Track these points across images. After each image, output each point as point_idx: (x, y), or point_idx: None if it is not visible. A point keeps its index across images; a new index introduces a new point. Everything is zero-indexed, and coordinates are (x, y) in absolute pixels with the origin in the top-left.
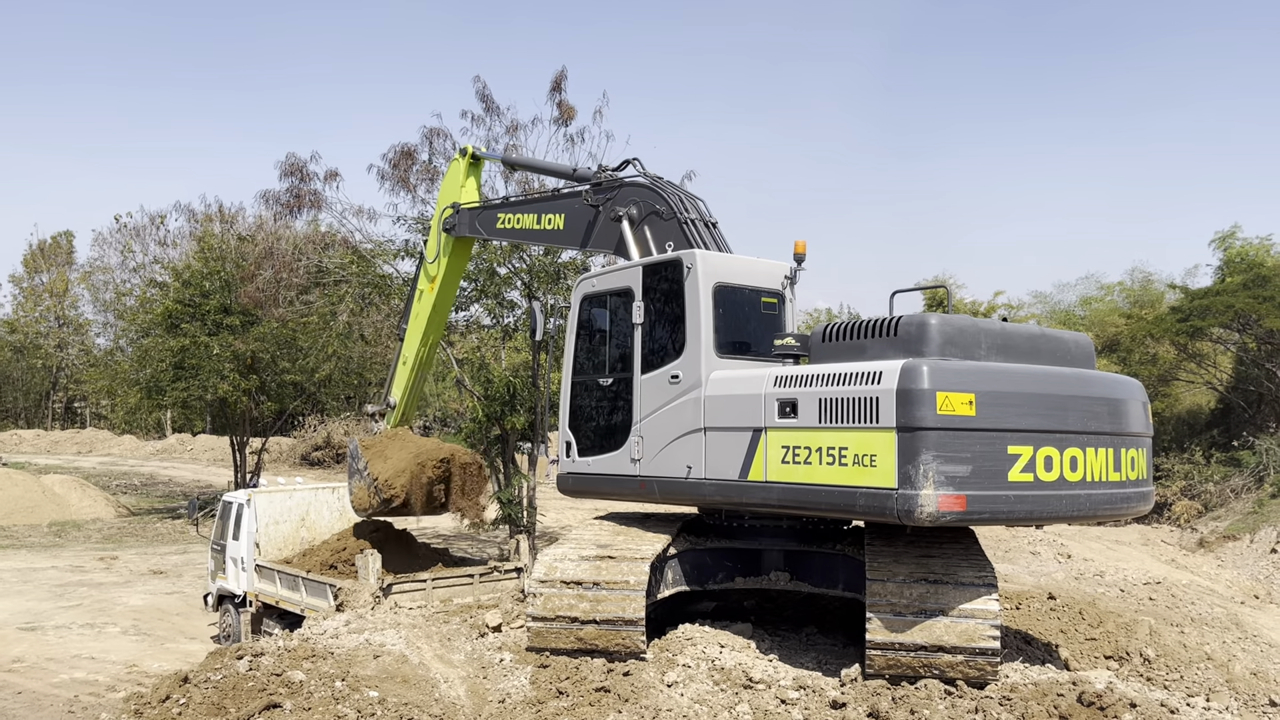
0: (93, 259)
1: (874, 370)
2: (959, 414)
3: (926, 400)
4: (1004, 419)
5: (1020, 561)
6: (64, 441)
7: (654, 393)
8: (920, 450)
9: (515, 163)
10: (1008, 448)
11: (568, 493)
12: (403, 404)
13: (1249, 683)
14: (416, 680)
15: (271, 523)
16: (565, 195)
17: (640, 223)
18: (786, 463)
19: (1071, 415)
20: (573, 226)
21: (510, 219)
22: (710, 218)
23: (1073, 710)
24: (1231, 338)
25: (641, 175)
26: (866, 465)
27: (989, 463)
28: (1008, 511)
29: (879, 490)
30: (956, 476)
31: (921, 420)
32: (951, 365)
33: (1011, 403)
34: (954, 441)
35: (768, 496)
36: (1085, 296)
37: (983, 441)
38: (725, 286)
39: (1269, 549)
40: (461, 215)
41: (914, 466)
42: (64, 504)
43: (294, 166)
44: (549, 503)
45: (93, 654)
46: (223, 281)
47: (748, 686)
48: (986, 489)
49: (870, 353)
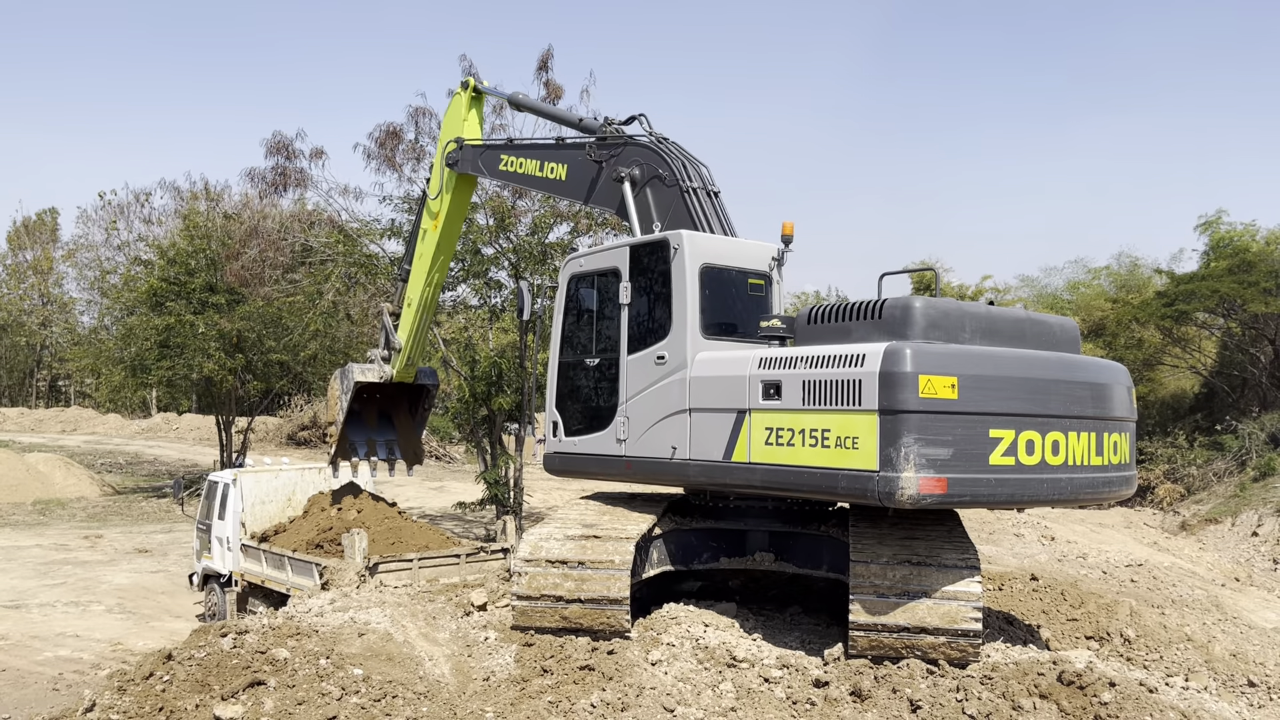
0: (77, 236)
1: (857, 353)
2: (941, 397)
3: (908, 383)
4: (986, 402)
5: (1004, 544)
6: (48, 420)
7: (640, 373)
8: (902, 433)
9: (521, 104)
10: (989, 431)
11: (554, 472)
12: (408, 347)
13: (1228, 663)
14: (401, 658)
15: (257, 502)
16: (570, 146)
17: (642, 186)
18: (770, 444)
19: (1054, 399)
20: (575, 179)
21: (513, 162)
22: (713, 186)
23: (1053, 689)
24: (1216, 322)
25: (648, 135)
26: (849, 447)
27: (970, 446)
28: (989, 495)
29: (860, 472)
30: (938, 459)
31: (903, 403)
32: (934, 348)
33: (994, 386)
34: (935, 424)
35: (751, 478)
36: (1072, 281)
37: (964, 425)
38: (712, 268)
39: (1250, 532)
40: (465, 151)
41: (895, 449)
42: (48, 482)
43: (280, 144)
44: (535, 483)
45: (77, 632)
46: (208, 260)
47: (731, 665)
48: (967, 472)
49: (855, 335)
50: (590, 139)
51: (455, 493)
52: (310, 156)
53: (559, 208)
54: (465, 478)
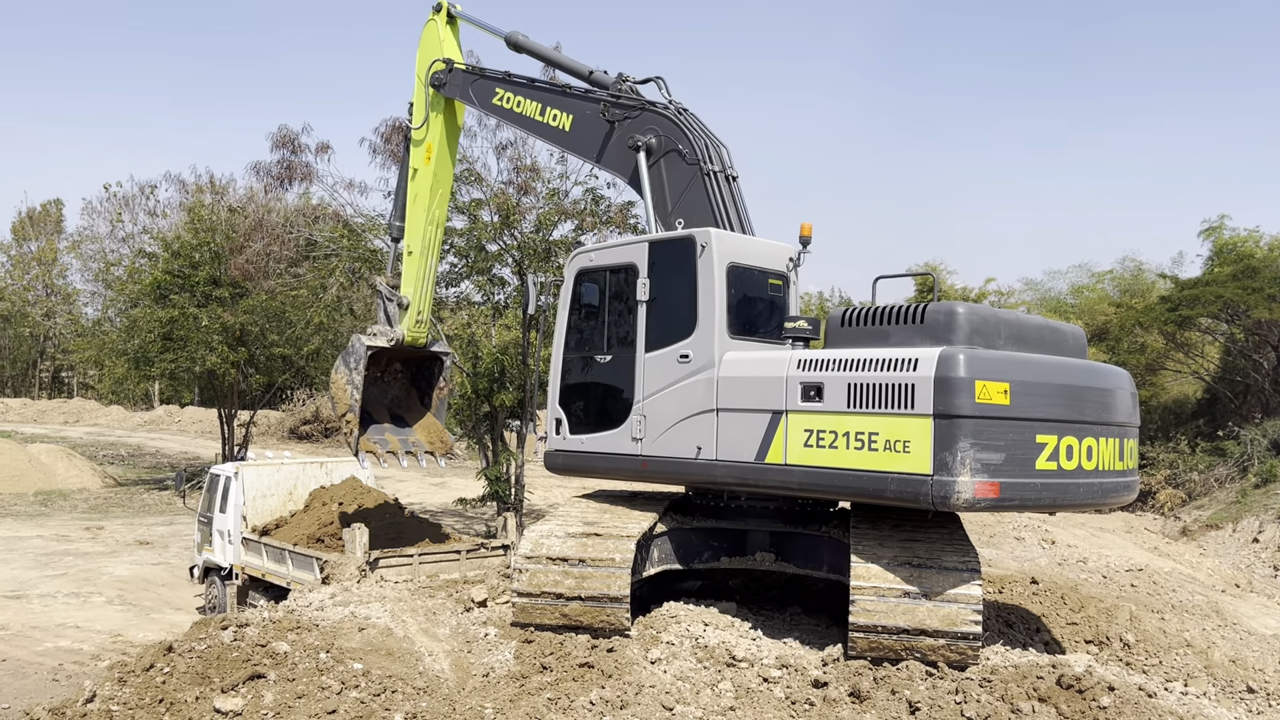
0: (82, 228)
1: (909, 357)
2: (995, 403)
3: (965, 388)
4: (1034, 408)
5: (1004, 547)
6: (51, 411)
7: (659, 371)
8: (958, 437)
9: (520, 45)
10: (1036, 436)
11: (556, 471)
12: (417, 299)
13: (1227, 669)
14: (401, 653)
15: (259, 496)
16: (578, 95)
17: (658, 157)
18: (809, 446)
19: (1088, 406)
20: (580, 133)
21: (510, 98)
22: (732, 170)
23: (1052, 693)
24: (1220, 328)
25: (667, 102)
26: (899, 451)
27: (1020, 451)
28: (1034, 499)
29: (913, 476)
30: (991, 464)
31: (960, 408)
32: (987, 354)
33: (1040, 392)
34: (989, 429)
35: (788, 479)
36: (1076, 284)
37: (1015, 430)
38: (737, 266)
39: (1251, 538)
40: (454, 75)
41: (951, 453)
42: (50, 473)
43: (285, 138)
44: (536, 480)
45: (78, 623)
46: (212, 253)
47: (731, 664)
48: (1017, 476)
49: (894, 339)
50: (604, 94)
51: (456, 489)
52: (316, 151)
53: (563, 205)
54: (467, 474)
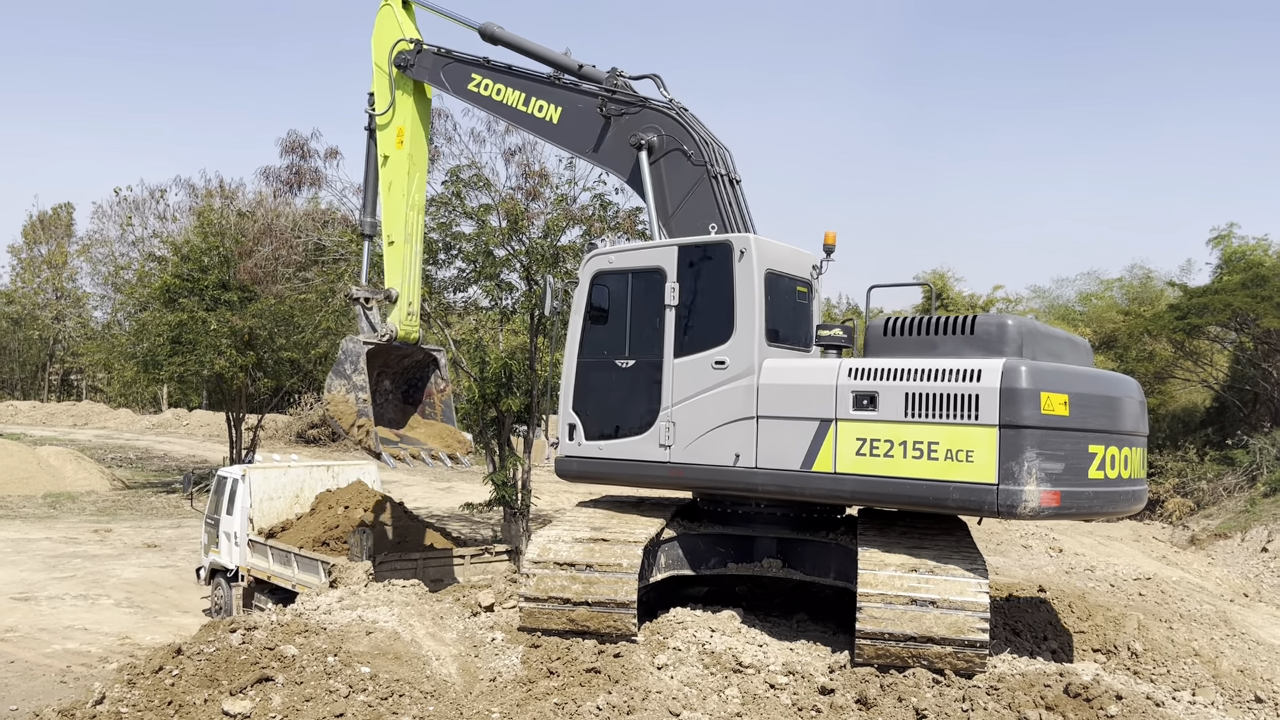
0: (92, 232)
1: (971, 368)
2: (1057, 414)
3: (1030, 399)
4: (1089, 419)
5: (1011, 554)
6: (60, 414)
7: (690, 377)
8: (1025, 447)
9: (496, 36)
10: (1089, 446)
11: (569, 478)
12: (406, 290)
13: (1235, 679)
14: (408, 657)
15: (266, 498)
16: (567, 87)
17: (659, 157)
18: (862, 455)
19: (1125, 416)
20: (571, 126)
21: (488, 85)
22: (735, 173)
23: (1059, 701)
24: (1229, 336)
25: (666, 101)
26: (961, 460)
27: (1076, 460)
28: (1087, 508)
29: (977, 485)
30: (1053, 473)
31: (1026, 419)
32: (1047, 366)
33: (1092, 404)
34: (1052, 440)
35: (838, 488)
36: (1084, 292)
37: (1073, 440)
38: (772, 273)
39: (1260, 548)
40: (423, 57)
41: (1017, 463)
42: (59, 475)
43: (295, 144)
44: (543, 486)
45: (86, 625)
46: (221, 257)
47: (737, 670)
48: (1074, 485)
49: (943, 349)
50: (596, 88)
51: (463, 494)
52: (325, 156)
53: (571, 211)
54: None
